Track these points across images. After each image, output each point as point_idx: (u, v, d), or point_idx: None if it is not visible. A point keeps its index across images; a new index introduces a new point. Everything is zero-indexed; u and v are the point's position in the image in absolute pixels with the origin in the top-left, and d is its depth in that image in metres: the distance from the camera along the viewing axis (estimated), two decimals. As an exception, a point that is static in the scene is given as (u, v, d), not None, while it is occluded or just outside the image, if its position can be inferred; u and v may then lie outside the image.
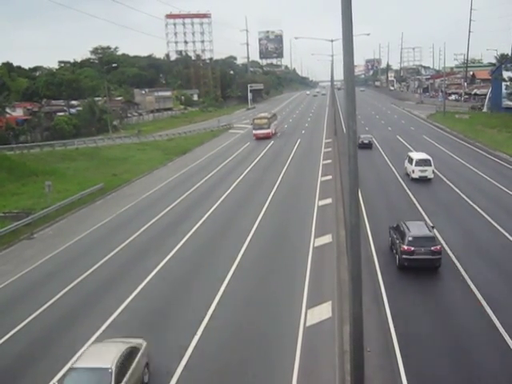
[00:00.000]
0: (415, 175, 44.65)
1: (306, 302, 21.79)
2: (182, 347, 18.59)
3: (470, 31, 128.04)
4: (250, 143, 76.99)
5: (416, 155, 46.55)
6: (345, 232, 28.13)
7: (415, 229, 25.51)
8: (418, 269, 24.38)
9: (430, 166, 45.10)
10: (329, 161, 54.71)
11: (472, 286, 22.98)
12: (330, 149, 62.54)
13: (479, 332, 19.26)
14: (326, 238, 29.82)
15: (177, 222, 36.17)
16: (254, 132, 79.60)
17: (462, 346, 18.33)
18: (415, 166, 44.81)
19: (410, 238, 24.45)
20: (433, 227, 27.48)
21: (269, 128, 79.45)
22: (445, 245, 27.57)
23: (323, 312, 20.80)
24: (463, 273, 24.42)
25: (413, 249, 24.14)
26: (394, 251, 26.23)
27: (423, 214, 34.34)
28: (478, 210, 35.14)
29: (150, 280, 25.47)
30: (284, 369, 17.01)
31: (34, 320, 21.89)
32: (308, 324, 19.92)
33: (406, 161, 47.49)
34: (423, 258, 24.25)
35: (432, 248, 24.22)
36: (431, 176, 44.96)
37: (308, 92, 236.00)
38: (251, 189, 45.24)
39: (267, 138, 77.99)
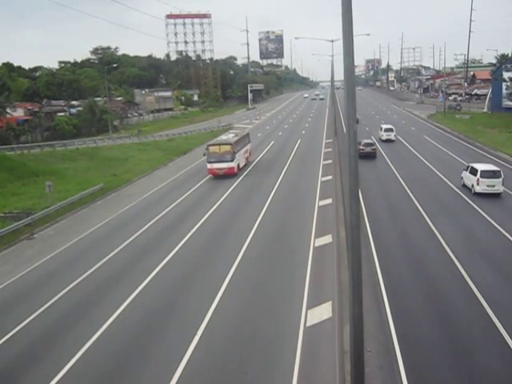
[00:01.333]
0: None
1: (307, 303, 21.77)
2: (182, 348, 18.59)
3: (470, 31, 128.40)
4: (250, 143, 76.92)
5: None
6: (345, 232, 28.12)
7: None
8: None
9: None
10: (329, 161, 54.72)
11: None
12: (330, 149, 62.55)
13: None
14: (327, 239, 29.81)
15: (177, 222, 36.17)
16: (209, 166, 50.28)
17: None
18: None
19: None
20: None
21: (232, 159, 49.89)
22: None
23: (323, 312, 20.78)
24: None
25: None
26: None
27: (425, 216, 34.36)
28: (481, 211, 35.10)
29: (151, 280, 25.47)
30: (284, 369, 16.99)
31: (34, 320, 21.89)
32: (308, 324, 19.90)
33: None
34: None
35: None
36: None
37: (306, 95, 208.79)
38: (252, 189, 45.23)
39: (230, 174, 50.11)
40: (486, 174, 38.81)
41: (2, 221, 36.45)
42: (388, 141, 68.45)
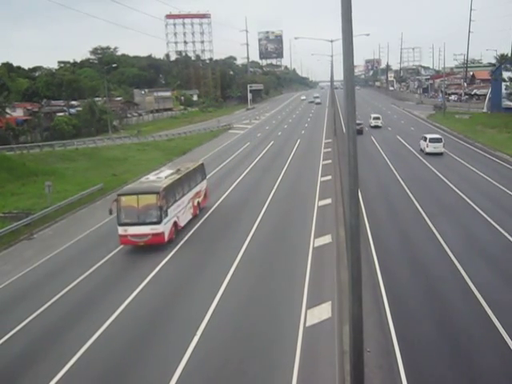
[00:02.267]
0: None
1: (306, 303, 21.78)
2: (182, 348, 18.59)
3: (469, 31, 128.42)
4: (249, 143, 77.03)
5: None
6: (344, 232, 28.12)
7: None
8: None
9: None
10: (328, 161, 54.72)
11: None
12: (329, 149, 62.56)
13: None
14: (326, 239, 29.81)
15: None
16: (121, 231, 29.90)
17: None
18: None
19: None
20: None
21: (160, 220, 29.55)
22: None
23: (323, 312, 20.78)
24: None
25: None
26: None
27: (425, 216, 34.41)
28: (482, 213, 35.13)
29: (149, 282, 25.45)
30: (284, 369, 17.00)
31: (34, 320, 21.88)
32: (308, 324, 19.91)
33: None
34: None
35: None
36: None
37: (303, 97, 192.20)
38: (250, 189, 45.23)
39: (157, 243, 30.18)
40: (432, 140, 58.88)
41: (2, 221, 36.44)
42: (376, 127, 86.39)
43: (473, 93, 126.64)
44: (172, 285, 25.00)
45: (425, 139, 59.34)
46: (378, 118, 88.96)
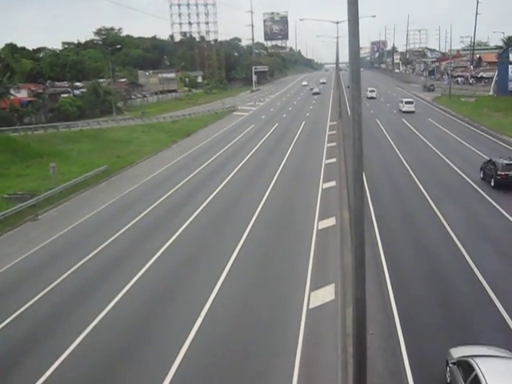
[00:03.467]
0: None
1: (310, 285, 21.86)
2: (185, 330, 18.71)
3: (476, 13, 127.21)
4: (254, 125, 76.84)
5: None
6: (349, 215, 28.11)
7: None
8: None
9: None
10: (333, 143, 54.57)
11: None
12: (334, 131, 62.33)
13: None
14: (330, 221, 29.84)
15: (181, 203, 36.25)
16: None
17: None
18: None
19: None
20: None
21: None
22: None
23: (326, 294, 20.85)
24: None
25: None
26: None
27: (429, 200, 34.40)
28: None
29: (154, 261, 25.55)
30: (286, 350, 17.09)
31: (39, 301, 21.99)
32: (311, 306, 19.98)
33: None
34: None
35: None
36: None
37: (305, 83, 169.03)
38: (255, 171, 45.23)
39: None
40: (407, 102, 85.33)
41: (7, 202, 36.55)
42: (372, 98, 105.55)
43: (479, 76, 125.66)
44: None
45: (401, 102, 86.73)
46: (373, 91, 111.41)
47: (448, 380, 15.17)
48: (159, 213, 34.33)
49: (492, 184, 36.05)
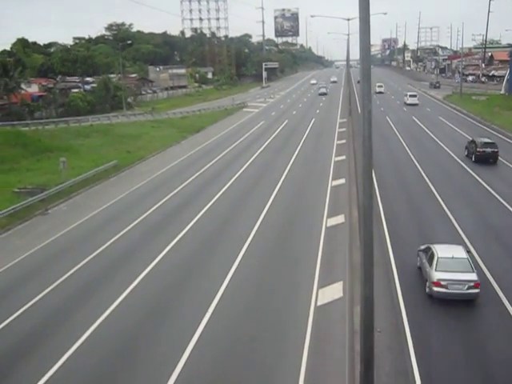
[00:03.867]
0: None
1: (318, 282, 21.86)
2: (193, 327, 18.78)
3: (489, 11, 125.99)
4: (264, 122, 76.79)
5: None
6: (357, 212, 28.09)
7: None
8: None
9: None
10: (343, 141, 54.47)
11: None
12: (344, 129, 62.21)
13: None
14: (339, 219, 29.82)
15: (191, 199, 36.33)
16: None
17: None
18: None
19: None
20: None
21: None
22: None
23: (334, 292, 20.86)
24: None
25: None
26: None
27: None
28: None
29: (163, 256, 25.64)
30: (294, 347, 17.13)
31: (48, 295, 22.14)
32: (319, 303, 20.00)
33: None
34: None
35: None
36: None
37: (314, 81, 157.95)
38: (264, 168, 45.20)
39: None
40: (411, 95, 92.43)
41: (17, 196, 36.74)
42: (380, 93, 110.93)
43: (491, 74, 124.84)
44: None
45: (406, 95, 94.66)
46: (381, 87, 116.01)
47: (418, 264, 22.78)
48: (169, 208, 34.43)
49: (473, 159, 44.55)
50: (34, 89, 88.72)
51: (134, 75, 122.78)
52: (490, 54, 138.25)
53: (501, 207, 32.24)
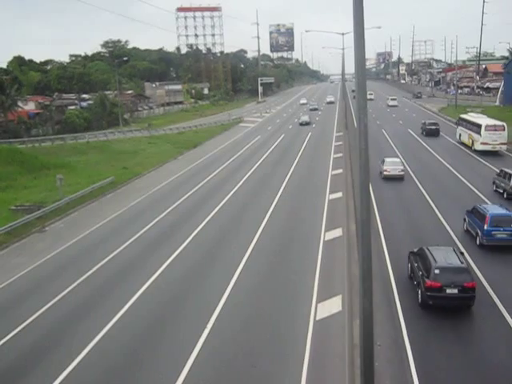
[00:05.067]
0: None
1: (317, 296, 21.80)
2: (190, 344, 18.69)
3: (482, 24, 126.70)
4: (260, 136, 76.97)
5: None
6: (355, 226, 28.07)
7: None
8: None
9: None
10: (339, 154, 54.57)
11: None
12: (340, 142, 62.34)
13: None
14: (337, 232, 29.80)
15: (187, 215, 36.26)
16: None
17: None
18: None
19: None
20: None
21: None
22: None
23: (333, 306, 20.80)
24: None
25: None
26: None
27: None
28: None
29: (161, 273, 25.56)
30: (294, 362, 17.05)
31: (46, 311, 22.07)
32: (318, 318, 19.93)
33: None
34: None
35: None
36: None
37: (303, 100, 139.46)
38: (261, 183, 45.24)
39: None
40: (392, 98, 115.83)
41: (14, 213, 36.68)
42: (370, 100, 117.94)
43: (485, 86, 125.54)
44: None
45: (388, 98, 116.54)
46: (370, 94, 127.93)
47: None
48: (166, 224, 34.37)
49: (424, 134, 68.80)
50: (30, 106, 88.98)
51: (130, 92, 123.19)
52: (484, 66, 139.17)
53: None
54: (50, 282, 25.48)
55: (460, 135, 61.31)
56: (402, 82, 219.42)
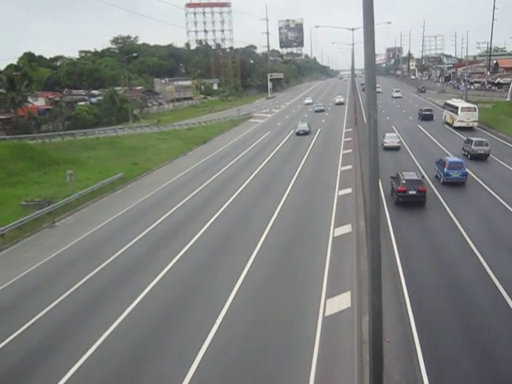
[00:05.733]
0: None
1: (326, 292, 21.77)
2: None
3: (493, 19, 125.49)
4: (270, 132, 76.89)
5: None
6: (364, 222, 28.02)
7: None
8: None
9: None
10: (349, 150, 54.42)
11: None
12: (350, 138, 62.16)
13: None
14: (346, 228, 29.74)
15: (197, 211, 36.31)
16: None
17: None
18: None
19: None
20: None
21: None
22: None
23: (342, 302, 20.76)
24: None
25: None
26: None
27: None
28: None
29: (171, 268, 25.63)
30: (303, 358, 17.04)
31: (55, 307, 22.18)
32: (327, 314, 19.91)
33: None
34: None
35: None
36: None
37: (309, 100, 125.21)
38: (270, 179, 45.20)
39: None
40: (396, 90, 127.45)
41: (25, 209, 36.90)
42: (398, 97, 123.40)
43: (496, 81, 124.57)
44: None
45: (393, 90, 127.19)
46: (378, 87, 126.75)
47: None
48: (175, 220, 34.45)
49: (420, 118, 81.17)
50: (40, 102, 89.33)
51: (139, 87, 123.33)
52: (495, 61, 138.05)
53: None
54: (59, 277, 25.61)
55: (445, 117, 75.02)
56: (412, 77, 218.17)
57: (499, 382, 16.03)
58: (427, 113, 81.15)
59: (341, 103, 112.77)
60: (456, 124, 68.41)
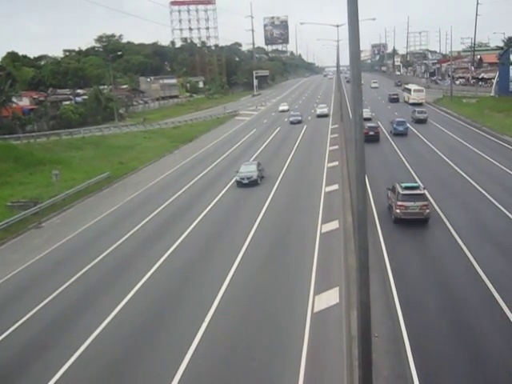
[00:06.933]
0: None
1: (314, 288, 21.84)
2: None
3: (477, 14, 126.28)
4: (256, 130, 76.88)
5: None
6: (352, 218, 28.11)
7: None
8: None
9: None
10: (335, 147, 54.52)
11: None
12: (336, 134, 62.28)
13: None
14: (333, 224, 29.82)
15: (184, 209, 36.29)
16: None
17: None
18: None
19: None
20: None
21: None
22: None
23: (331, 298, 20.84)
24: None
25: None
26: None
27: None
28: (491, 199, 35.13)
29: (158, 268, 25.59)
30: (292, 354, 17.09)
31: (44, 307, 22.12)
32: (316, 310, 19.98)
33: None
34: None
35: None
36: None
37: (284, 107, 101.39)
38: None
39: None
40: (374, 81, 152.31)
41: (10, 210, 36.66)
42: (375, 88, 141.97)
43: (480, 77, 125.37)
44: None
45: (371, 82, 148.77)
46: (375, 81, 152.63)
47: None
48: (163, 218, 34.39)
49: (389, 101, 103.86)
50: (25, 102, 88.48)
51: (125, 86, 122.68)
52: (479, 56, 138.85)
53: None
54: (47, 278, 25.51)
55: (404, 97, 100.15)
56: (398, 73, 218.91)
57: (488, 376, 16.19)
58: (394, 96, 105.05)
59: (324, 115, 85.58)
60: (410, 101, 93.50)
